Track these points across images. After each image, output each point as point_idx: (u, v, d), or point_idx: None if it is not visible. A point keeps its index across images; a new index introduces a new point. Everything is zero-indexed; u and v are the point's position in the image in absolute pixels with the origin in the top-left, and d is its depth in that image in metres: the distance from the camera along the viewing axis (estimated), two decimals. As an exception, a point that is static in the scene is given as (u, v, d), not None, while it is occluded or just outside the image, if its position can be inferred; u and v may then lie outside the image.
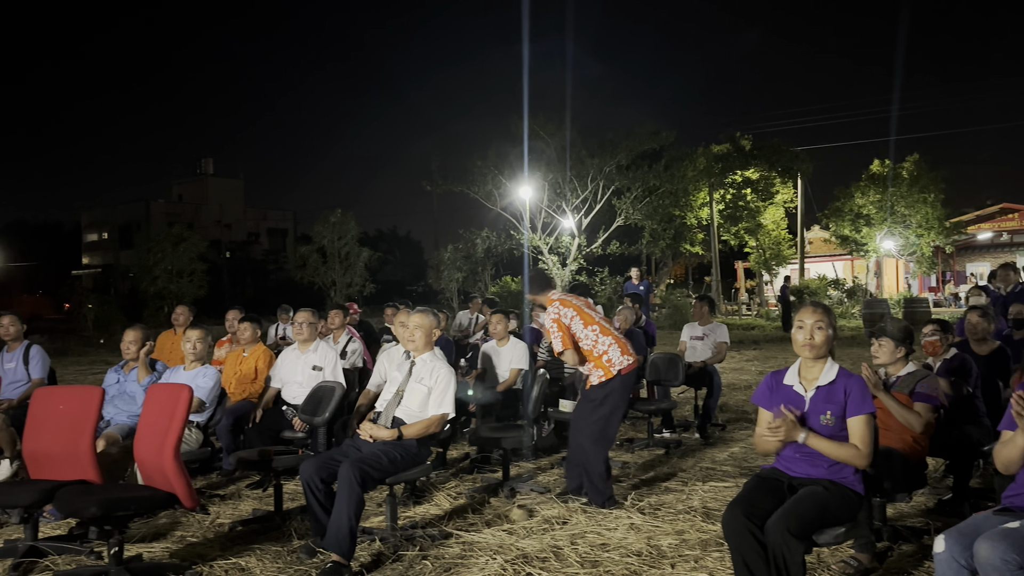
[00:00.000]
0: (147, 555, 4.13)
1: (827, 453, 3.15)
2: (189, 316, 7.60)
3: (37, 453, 4.24)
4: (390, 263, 50.00)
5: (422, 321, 4.55)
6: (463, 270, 28.61)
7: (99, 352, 19.65)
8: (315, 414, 5.27)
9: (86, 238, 58.24)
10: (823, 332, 3.28)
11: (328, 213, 29.78)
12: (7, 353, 6.17)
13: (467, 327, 11.06)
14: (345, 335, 7.30)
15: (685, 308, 24.78)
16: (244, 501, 5.23)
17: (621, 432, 7.36)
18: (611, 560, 3.93)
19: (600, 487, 4.85)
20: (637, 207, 26.42)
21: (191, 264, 29.72)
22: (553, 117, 25.27)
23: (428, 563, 3.93)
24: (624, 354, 4.99)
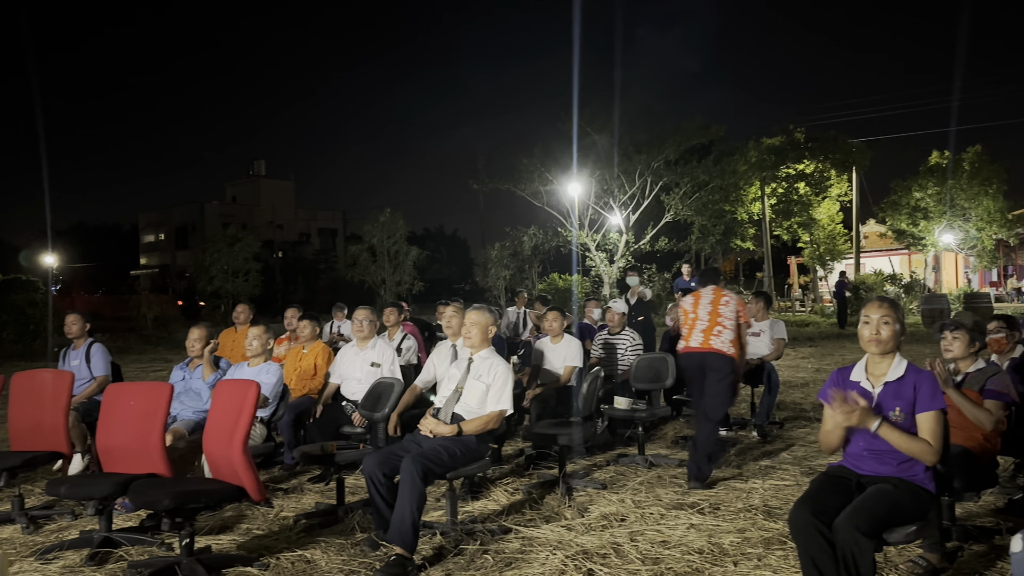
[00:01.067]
0: (215, 547, 4.25)
1: (898, 445, 3.09)
2: (249, 314, 7.78)
3: (110, 447, 4.39)
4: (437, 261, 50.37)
5: (479, 318, 4.58)
6: (510, 268, 28.66)
7: (158, 350, 20.21)
8: (375, 409, 5.35)
9: (144, 239, 59.90)
10: (889, 327, 3.22)
11: (377, 212, 30.13)
12: (72, 351, 6.40)
13: (515, 323, 11.08)
14: (400, 332, 7.39)
15: (736, 304, 24.39)
16: (306, 495, 5.33)
17: (676, 430, 7.32)
18: (672, 557, 3.92)
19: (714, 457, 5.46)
20: (686, 202, 26.13)
21: (246, 264, 30.35)
22: (600, 113, 25.13)
23: (489, 557, 3.97)
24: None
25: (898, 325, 3.24)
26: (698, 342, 5.62)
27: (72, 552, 4.11)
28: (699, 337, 5.61)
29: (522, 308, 11.18)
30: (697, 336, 5.62)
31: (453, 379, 4.53)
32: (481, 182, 29.11)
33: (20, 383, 5.06)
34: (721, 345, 5.54)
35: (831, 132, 32.11)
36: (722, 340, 5.55)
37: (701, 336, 5.60)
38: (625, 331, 7.24)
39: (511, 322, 11.19)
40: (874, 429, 3.10)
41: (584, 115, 24.70)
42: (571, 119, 23.77)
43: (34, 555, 4.09)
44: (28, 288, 24.32)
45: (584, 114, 24.69)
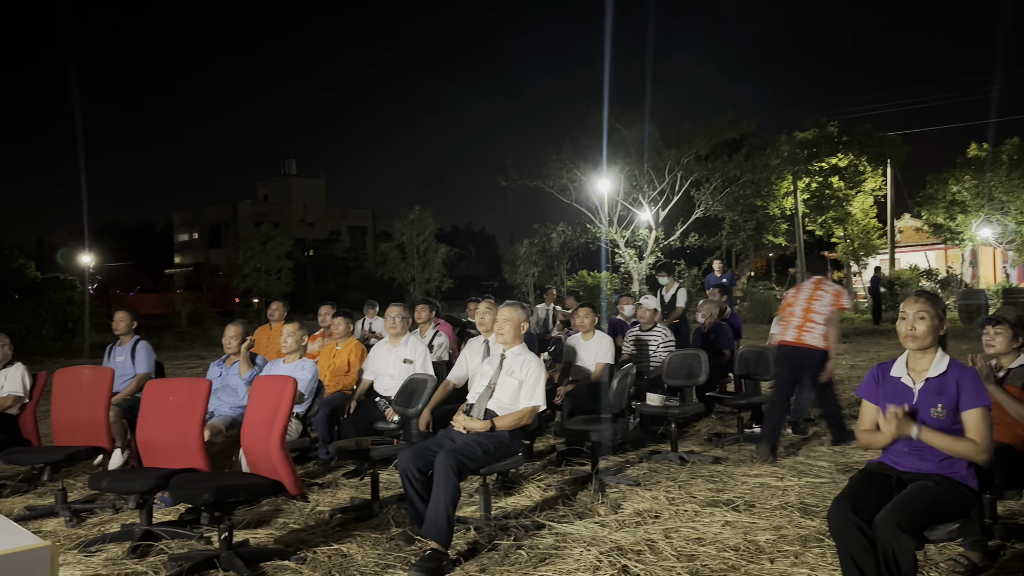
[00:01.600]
0: (253, 540, 4.31)
1: (943, 448, 3.04)
2: (284, 311, 7.88)
3: (149, 442, 4.47)
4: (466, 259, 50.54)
5: (511, 314, 4.59)
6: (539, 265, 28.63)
7: (193, 347, 20.53)
8: (408, 405, 5.39)
9: (178, 238, 60.81)
10: (925, 322, 3.17)
11: (407, 210, 30.27)
12: (118, 347, 6.52)
13: (545, 320, 11.08)
14: (432, 328, 7.43)
15: (768, 301, 24.21)
16: (341, 489, 5.39)
17: (709, 427, 7.27)
18: (708, 554, 3.89)
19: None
20: (717, 198, 25.87)
21: (278, 262, 30.67)
22: (630, 109, 24.99)
23: (523, 553, 3.97)
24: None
25: (935, 320, 3.18)
26: (792, 337, 5.99)
27: (114, 545, 4.19)
28: (793, 332, 6.02)
29: (551, 305, 11.18)
30: (792, 331, 6.00)
31: (486, 375, 4.54)
32: (510, 179, 29.09)
33: (62, 379, 5.17)
34: (813, 340, 5.89)
35: (865, 125, 31.63)
36: (814, 336, 5.89)
37: (795, 332, 5.98)
38: (657, 327, 7.20)
39: (540, 319, 11.19)
40: (915, 436, 3.06)
41: (614, 110, 24.57)
42: (600, 115, 23.66)
43: (77, 548, 4.17)
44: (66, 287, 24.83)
45: (614, 109, 24.57)
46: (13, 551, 1.85)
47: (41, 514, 4.80)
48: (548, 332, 10.60)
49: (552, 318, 11.05)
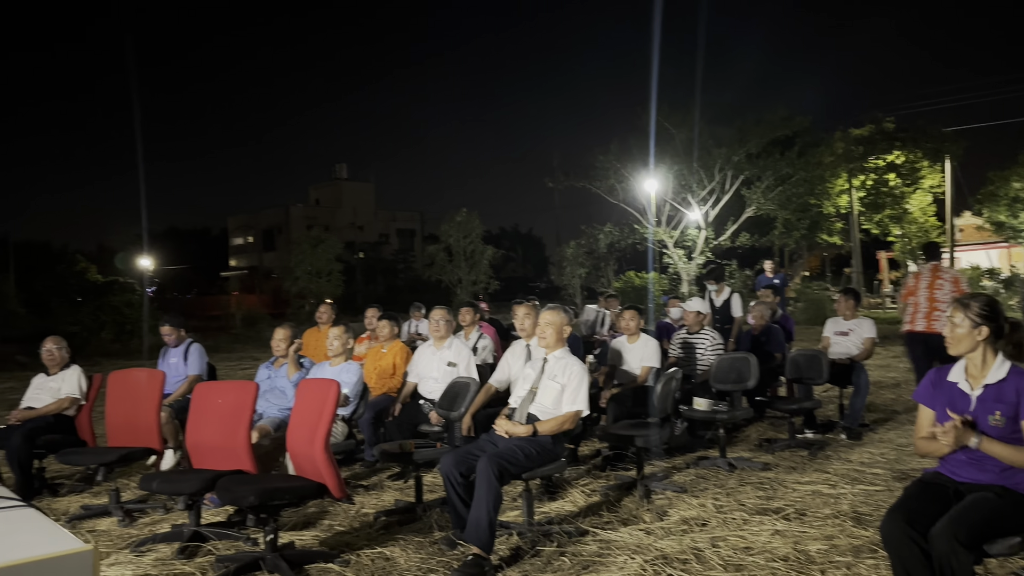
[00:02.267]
0: (299, 543, 4.35)
1: (1004, 459, 2.91)
2: (332, 314, 7.95)
3: (198, 444, 4.55)
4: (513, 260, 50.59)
5: (553, 318, 4.55)
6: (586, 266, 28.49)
7: (246, 348, 20.93)
8: (451, 408, 5.39)
9: (232, 242, 62.18)
10: (960, 328, 3.09)
11: (454, 213, 30.44)
12: (172, 349, 6.66)
13: (594, 321, 10.98)
14: (476, 331, 7.43)
15: (822, 302, 23.62)
16: (386, 492, 5.41)
17: (759, 432, 7.12)
18: (756, 564, 3.80)
19: None
20: (768, 196, 25.38)
21: (329, 264, 31.12)
22: (678, 107, 24.71)
23: (566, 559, 3.93)
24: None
25: (979, 326, 3.07)
26: (922, 327, 6.46)
27: (164, 545, 4.27)
28: (922, 322, 6.48)
29: (602, 309, 11.08)
30: (920, 321, 6.47)
31: (528, 379, 4.51)
32: (557, 180, 29.05)
33: (116, 381, 5.30)
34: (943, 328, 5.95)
35: (922, 121, 30.72)
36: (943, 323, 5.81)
37: (924, 321, 6.44)
38: (705, 330, 7.07)
39: (589, 320, 11.10)
40: (974, 445, 2.94)
41: (662, 109, 24.31)
42: (648, 114, 23.43)
43: (129, 547, 4.27)
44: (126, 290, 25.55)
45: (662, 108, 24.30)
46: (57, 555, 1.89)
47: (95, 513, 4.92)
48: (595, 333, 10.51)
49: (602, 320, 10.95)
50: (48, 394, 5.76)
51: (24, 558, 1.85)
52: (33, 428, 5.39)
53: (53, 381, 5.81)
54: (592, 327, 10.80)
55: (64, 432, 5.56)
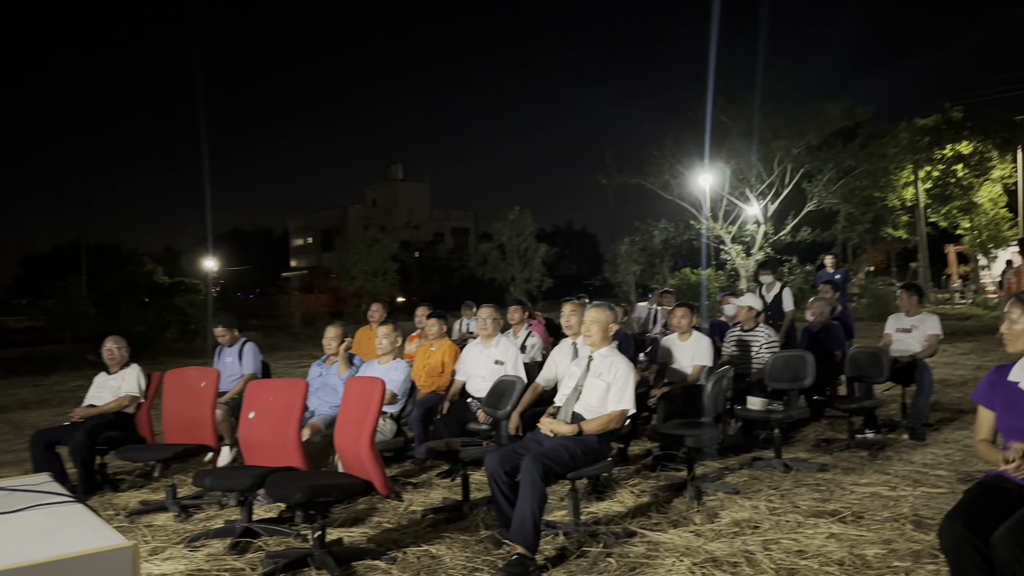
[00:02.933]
0: (347, 539, 4.39)
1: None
2: (383, 313, 8.03)
3: (250, 441, 4.63)
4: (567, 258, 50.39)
5: (598, 316, 4.49)
6: (640, 263, 28.23)
7: (306, 347, 21.34)
8: (497, 407, 5.37)
9: (293, 242, 63.54)
10: (1016, 324, 2.95)
11: (507, 211, 30.51)
12: (227, 348, 6.82)
13: (645, 319, 10.85)
14: (525, 329, 7.40)
15: (887, 297, 22.90)
16: (435, 489, 5.43)
17: (817, 432, 6.92)
18: (809, 568, 3.68)
19: None
20: (830, 190, 24.71)
21: (384, 264, 31.52)
22: (735, 100, 24.23)
23: (612, 561, 3.87)
24: None
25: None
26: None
27: (216, 540, 4.36)
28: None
29: (655, 305, 10.94)
30: None
31: (573, 377, 4.46)
32: (610, 176, 28.80)
33: (172, 380, 5.44)
34: None
35: (991, 109, 29.47)
36: None
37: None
38: (760, 327, 6.90)
39: (641, 318, 10.98)
40: None
41: (718, 102, 23.87)
42: (703, 108, 23.04)
43: (183, 542, 4.37)
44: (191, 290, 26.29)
45: (718, 101, 23.86)
46: (99, 551, 1.93)
47: (153, 509, 5.06)
48: (647, 332, 10.39)
49: (653, 318, 10.81)
50: (109, 392, 5.94)
51: (67, 553, 1.90)
52: (95, 425, 5.57)
53: (114, 380, 5.99)
54: (644, 325, 10.68)
55: (124, 429, 5.73)
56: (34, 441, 5.67)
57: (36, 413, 10.58)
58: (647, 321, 10.87)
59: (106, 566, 1.91)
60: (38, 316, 31.98)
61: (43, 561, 1.84)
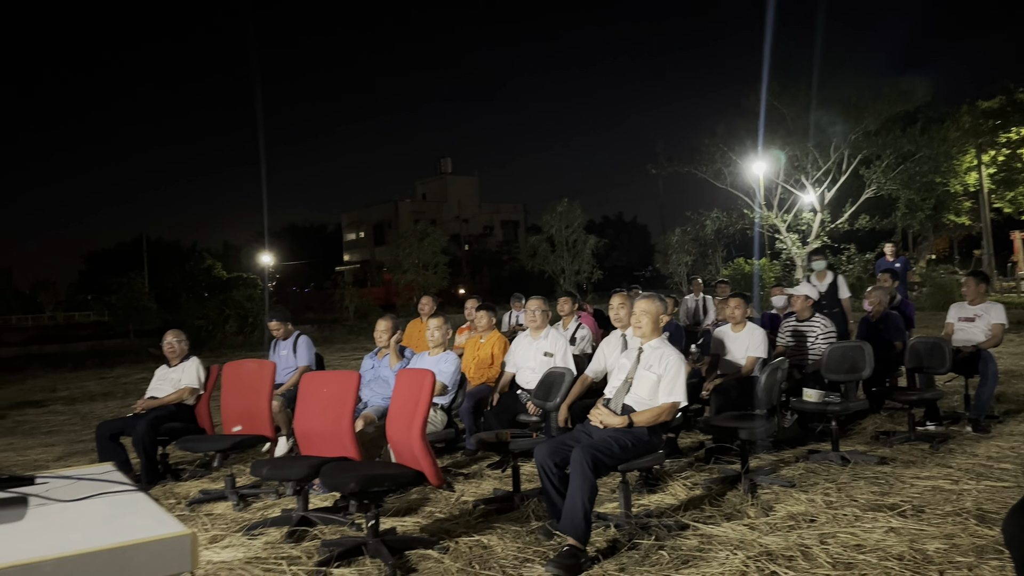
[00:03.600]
0: (400, 528, 4.44)
1: None
2: (433, 306, 8.10)
3: (306, 432, 4.72)
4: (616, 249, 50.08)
5: (648, 307, 4.45)
6: (692, 253, 27.88)
7: (359, 339, 21.65)
8: (547, 398, 5.37)
9: (346, 237, 64.49)
10: None
11: (555, 203, 30.43)
12: (282, 342, 6.96)
13: (694, 310, 10.72)
14: (574, 321, 7.38)
15: (950, 286, 22.19)
16: (485, 480, 5.46)
17: (876, 424, 6.75)
18: (867, 563, 3.59)
19: None
20: (889, 176, 24.01)
21: (435, 257, 31.78)
22: (789, 86, 23.69)
23: (664, 553, 3.84)
24: None
25: None
26: None
27: (274, 529, 4.46)
28: None
29: (700, 295, 10.80)
30: None
31: (623, 369, 4.43)
32: (660, 166, 28.50)
33: (230, 372, 5.57)
34: None
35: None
36: None
37: None
38: (815, 317, 6.76)
39: (690, 309, 10.85)
40: None
41: (772, 88, 23.39)
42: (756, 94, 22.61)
43: (242, 530, 4.48)
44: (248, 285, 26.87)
45: (772, 87, 23.38)
46: (159, 538, 1.98)
47: (213, 498, 5.20)
48: (698, 323, 10.25)
49: (703, 308, 10.67)
50: (169, 384, 6.12)
51: (129, 540, 1.96)
52: (156, 416, 5.74)
53: (174, 372, 6.17)
54: (695, 316, 10.54)
55: (184, 420, 5.90)
56: (99, 432, 5.88)
57: (102, 405, 10.97)
58: (697, 311, 10.74)
59: (166, 553, 1.96)
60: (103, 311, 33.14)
61: (106, 548, 1.90)
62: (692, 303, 10.75)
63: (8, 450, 7.76)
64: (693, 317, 10.55)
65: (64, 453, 7.47)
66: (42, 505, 2.28)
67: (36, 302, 65.84)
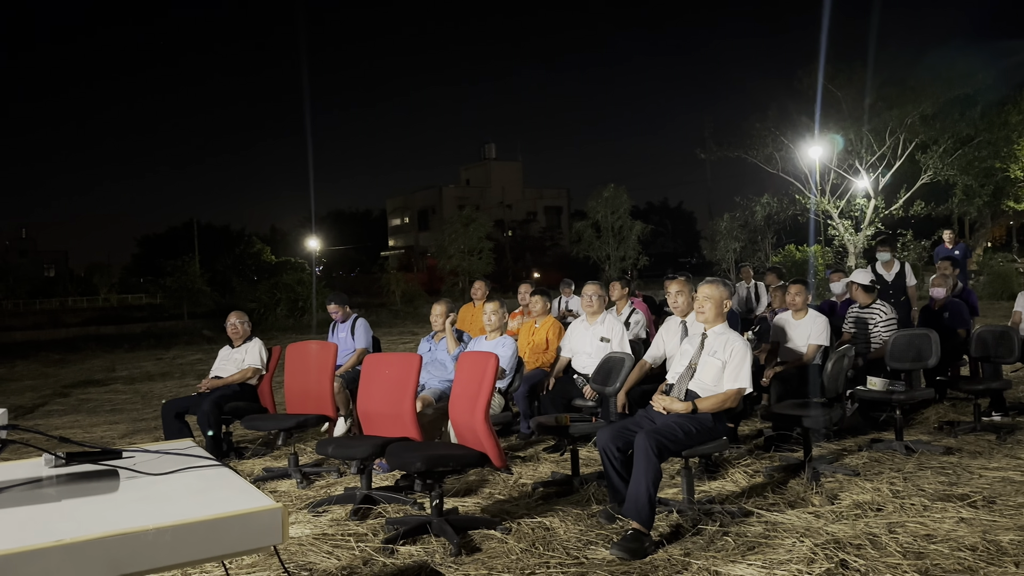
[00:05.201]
0: (461, 509, 4.49)
1: None
2: (486, 290, 8.14)
3: (369, 412, 4.79)
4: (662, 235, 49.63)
5: (712, 292, 4.40)
6: (740, 239, 27.47)
7: (405, 323, 21.87)
8: (606, 383, 5.36)
9: (391, 222, 64.97)
10: None
11: (601, 188, 30.28)
12: (340, 324, 7.07)
13: (745, 298, 10.57)
14: (628, 306, 7.34)
15: (1008, 275, 21.54)
16: (542, 463, 5.48)
17: (940, 414, 6.60)
18: (939, 553, 3.53)
19: None
20: (946, 161, 23.33)
21: (479, 243, 31.88)
22: (843, 68, 23.12)
23: (729, 539, 3.82)
24: None
25: None
26: None
27: (338, 507, 4.55)
28: None
29: (751, 282, 10.65)
30: None
31: (686, 355, 4.40)
32: (709, 151, 28.05)
33: (293, 354, 5.67)
34: None
35: None
36: None
37: None
38: (876, 304, 6.62)
39: (741, 297, 10.71)
40: None
41: (826, 71, 22.85)
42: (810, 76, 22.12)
43: (307, 508, 4.57)
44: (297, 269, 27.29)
45: (826, 70, 22.84)
46: (251, 511, 2.03)
47: (276, 475, 5.31)
48: (751, 311, 10.12)
49: (755, 295, 10.52)
50: (233, 364, 6.25)
51: (224, 512, 2.01)
52: (221, 396, 5.88)
53: (237, 353, 6.30)
54: (746, 304, 10.41)
55: (248, 400, 6.03)
56: (165, 410, 6.05)
57: (160, 384, 11.27)
58: (749, 299, 10.60)
59: (258, 525, 2.01)
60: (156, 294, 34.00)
61: (202, 519, 1.96)
62: (743, 290, 10.61)
63: (75, 427, 8.02)
64: (745, 305, 10.41)
65: (129, 431, 7.70)
66: (133, 478, 2.35)
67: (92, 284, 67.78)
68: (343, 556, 3.81)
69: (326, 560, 3.76)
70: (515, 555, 3.73)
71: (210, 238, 58.01)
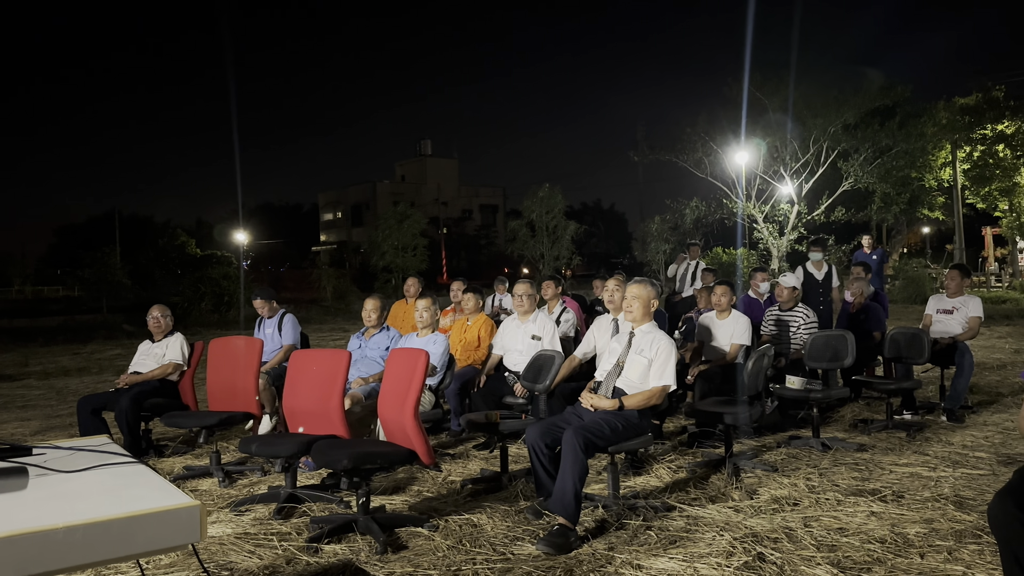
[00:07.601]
0: (389, 506, 4.46)
1: None
2: (419, 287, 8.09)
3: (294, 409, 4.71)
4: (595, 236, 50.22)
5: (640, 291, 4.49)
6: (670, 242, 28.00)
7: (336, 320, 21.56)
8: (536, 381, 5.41)
9: (323, 217, 63.96)
10: None
11: (536, 188, 30.41)
12: (267, 320, 6.92)
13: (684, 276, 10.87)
14: (559, 304, 7.41)
15: (922, 280, 22.58)
16: (472, 461, 5.49)
17: (854, 412, 6.87)
18: (850, 545, 3.68)
19: None
20: (866, 169, 24.28)
21: (414, 239, 31.66)
22: (771, 76, 23.80)
23: (652, 533, 3.90)
24: None
25: None
26: None
27: (262, 505, 4.46)
28: None
29: (695, 260, 10.93)
30: None
31: (614, 353, 4.47)
32: (641, 154, 28.48)
33: (216, 349, 5.53)
34: None
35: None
36: None
37: None
38: (798, 307, 6.85)
39: (681, 275, 10.95)
40: None
41: (754, 78, 23.48)
42: (738, 84, 22.69)
43: (229, 507, 4.47)
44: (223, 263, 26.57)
45: (754, 77, 23.47)
46: (167, 509, 1.98)
47: (197, 474, 5.17)
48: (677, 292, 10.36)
49: (692, 275, 10.76)
50: (153, 360, 6.06)
51: (139, 510, 1.96)
52: (140, 392, 5.69)
53: (158, 347, 6.11)
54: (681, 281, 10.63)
55: (168, 396, 5.85)
56: (81, 406, 5.81)
57: (77, 380, 10.82)
58: (685, 277, 10.83)
59: (175, 523, 1.96)
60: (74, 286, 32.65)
61: (116, 517, 1.90)
62: (684, 268, 10.83)
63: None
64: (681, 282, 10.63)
65: (41, 428, 7.39)
66: (43, 475, 2.27)
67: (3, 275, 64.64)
68: (265, 555, 3.74)
69: (248, 559, 3.69)
70: (442, 552, 3.73)
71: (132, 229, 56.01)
